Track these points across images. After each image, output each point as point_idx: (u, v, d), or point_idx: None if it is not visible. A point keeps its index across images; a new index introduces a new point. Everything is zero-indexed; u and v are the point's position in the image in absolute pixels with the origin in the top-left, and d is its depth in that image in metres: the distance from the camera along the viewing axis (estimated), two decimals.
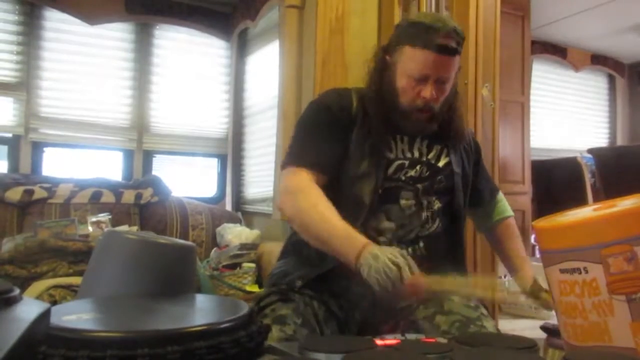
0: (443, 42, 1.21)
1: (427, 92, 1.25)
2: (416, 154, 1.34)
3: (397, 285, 1.03)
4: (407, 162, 1.32)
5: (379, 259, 1.05)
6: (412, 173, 1.32)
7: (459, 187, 1.38)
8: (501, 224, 1.52)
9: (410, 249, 1.29)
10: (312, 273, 1.26)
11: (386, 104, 1.31)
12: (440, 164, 1.36)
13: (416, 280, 1.05)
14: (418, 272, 1.06)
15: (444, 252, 1.35)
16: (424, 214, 1.31)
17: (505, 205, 1.55)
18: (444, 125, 1.37)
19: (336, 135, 1.30)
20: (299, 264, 1.31)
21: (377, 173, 1.28)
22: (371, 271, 1.06)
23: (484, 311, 1.24)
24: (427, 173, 1.34)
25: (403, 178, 1.31)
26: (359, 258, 1.09)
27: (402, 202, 1.30)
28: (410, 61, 1.25)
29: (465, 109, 1.47)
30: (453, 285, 1.13)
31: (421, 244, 1.31)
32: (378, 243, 1.25)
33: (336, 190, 1.30)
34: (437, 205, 1.34)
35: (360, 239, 1.13)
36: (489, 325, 1.19)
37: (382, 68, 1.33)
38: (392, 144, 1.33)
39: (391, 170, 1.31)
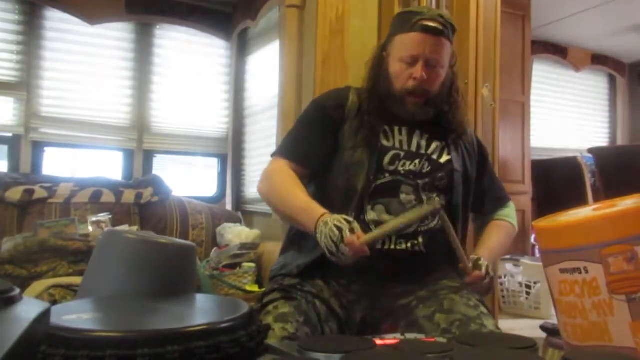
0: (427, 22, 1.29)
1: (417, 72, 1.30)
2: (414, 147, 1.36)
3: (340, 245, 1.12)
4: (402, 154, 1.34)
5: (327, 225, 1.15)
6: (411, 167, 1.33)
7: (458, 185, 1.38)
8: (497, 221, 1.50)
9: (409, 244, 1.30)
10: (308, 259, 1.29)
11: (381, 92, 1.36)
12: (442, 160, 1.37)
13: (354, 239, 1.12)
14: (359, 232, 1.13)
15: (442, 249, 1.36)
16: None
17: (512, 214, 1.52)
18: (444, 119, 1.39)
19: (324, 132, 1.37)
20: (296, 256, 1.34)
21: (370, 161, 1.31)
22: (321, 237, 1.15)
23: (484, 310, 1.24)
24: (429, 169, 1.35)
25: (402, 171, 1.33)
26: (316, 227, 1.17)
27: (402, 196, 1.31)
28: (400, 46, 1.33)
29: (465, 109, 1.47)
30: (386, 227, 1.21)
31: (420, 239, 1.31)
32: None
33: (329, 180, 1.35)
34: None
35: (318, 210, 1.20)
36: (489, 323, 1.19)
37: (378, 63, 1.39)
38: (389, 132, 1.36)
39: (386, 160, 1.33)
